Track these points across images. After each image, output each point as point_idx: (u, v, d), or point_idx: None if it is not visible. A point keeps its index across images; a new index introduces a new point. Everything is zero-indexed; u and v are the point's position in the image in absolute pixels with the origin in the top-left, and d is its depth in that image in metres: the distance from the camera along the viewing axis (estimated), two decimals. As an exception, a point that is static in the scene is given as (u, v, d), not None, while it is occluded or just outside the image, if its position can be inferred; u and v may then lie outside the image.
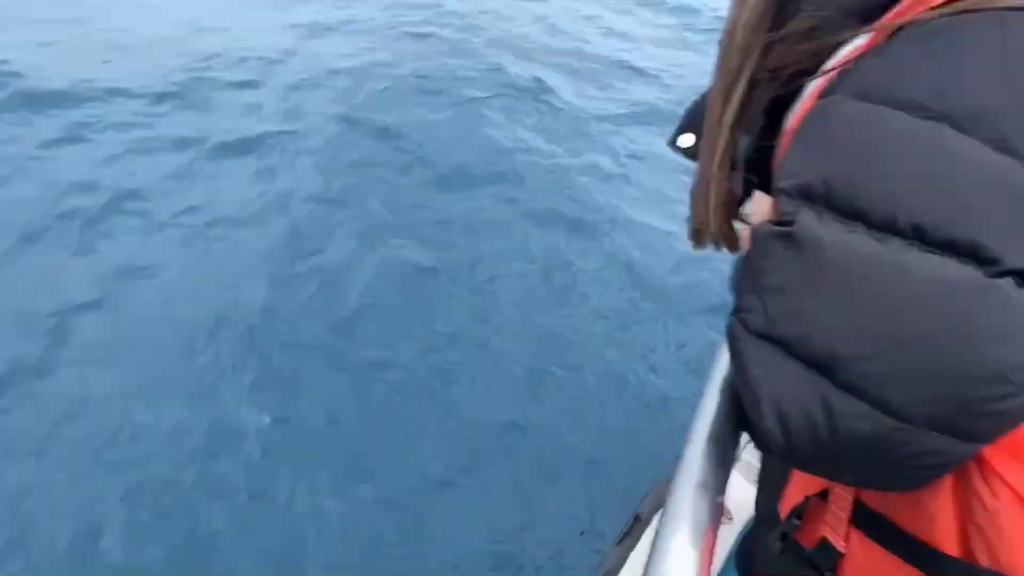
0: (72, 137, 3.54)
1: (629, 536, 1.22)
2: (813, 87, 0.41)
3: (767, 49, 0.43)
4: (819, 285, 0.33)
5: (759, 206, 0.53)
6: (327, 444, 2.06)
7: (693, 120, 0.55)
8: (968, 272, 0.29)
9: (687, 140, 0.57)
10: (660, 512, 0.40)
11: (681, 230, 0.76)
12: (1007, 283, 0.29)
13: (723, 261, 0.55)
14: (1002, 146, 0.30)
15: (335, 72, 4.51)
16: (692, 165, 0.54)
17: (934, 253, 0.30)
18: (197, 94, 4.12)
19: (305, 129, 3.80)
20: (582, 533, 1.80)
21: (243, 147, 3.64)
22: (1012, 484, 0.35)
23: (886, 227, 0.31)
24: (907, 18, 0.35)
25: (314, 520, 1.83)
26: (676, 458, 0.43)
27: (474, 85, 4.36)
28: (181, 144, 3.59)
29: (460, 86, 4.33)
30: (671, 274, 2.80)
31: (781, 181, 0.36)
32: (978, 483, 0.36)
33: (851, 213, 0.32)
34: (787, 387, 0.34)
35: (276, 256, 2.84)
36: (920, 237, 0.30)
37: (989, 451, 0.34)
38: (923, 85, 0.33)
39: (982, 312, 0.29)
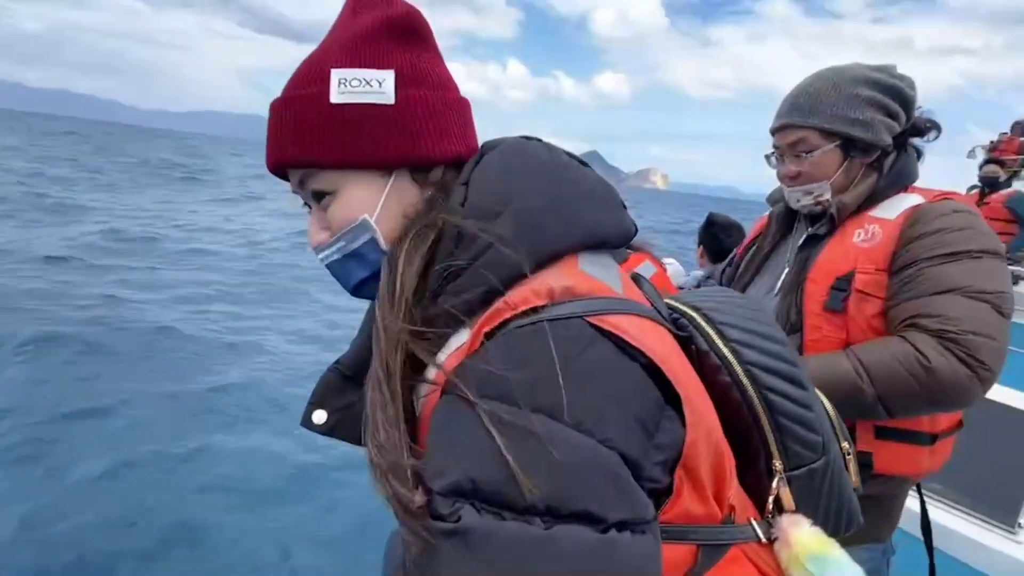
0: None
1: None
2: (433, 374, 0.47)
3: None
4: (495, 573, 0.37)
5: None
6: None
7: (325, 396, 0.58)
8: (587, 533, 0.38)
9: (320, 417, 0.58)
10: None
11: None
12: (612, 534, 0.38)
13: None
14: (581, 428, 0.40)
15: None
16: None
17: (566, 523, 0.38)
18: None
19: None
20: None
21: None
22: None
23: (528, 511, 0.38)
24: (496, 323, 0.45)
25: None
26: None
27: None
28: None
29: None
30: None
31: (431, 482, 0.40)
32: None
33: (498, 503, 0.38)
34: None
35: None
36: (553, 514, 0.38)
37: None
38: (518, 384, 0.41)
39: (604, 563, 0.38)
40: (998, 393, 3.84)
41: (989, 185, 5.22)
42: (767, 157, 1.23)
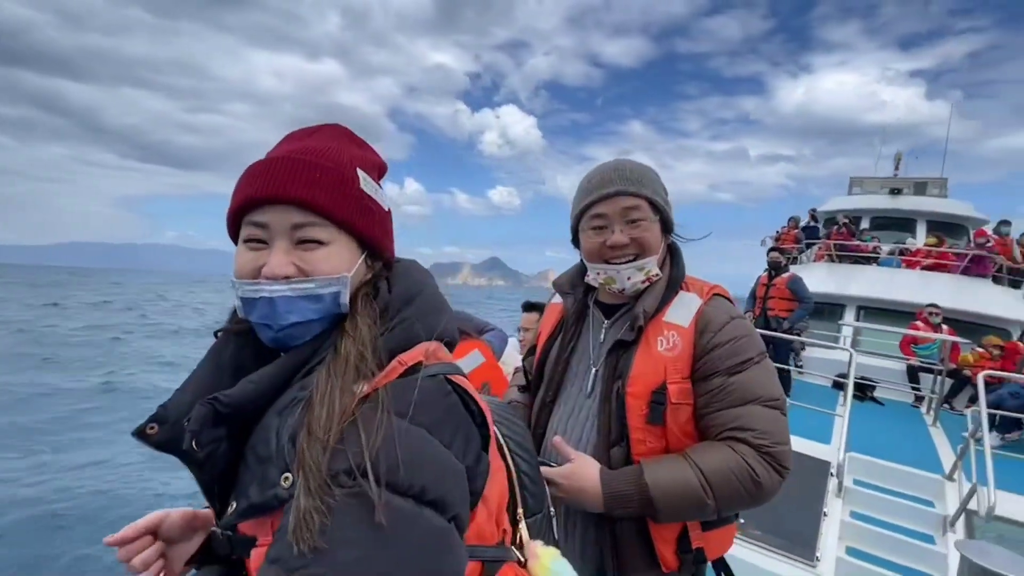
0: None
1: None
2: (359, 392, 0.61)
3: None
4: (383, 533, 0.50)
5: None
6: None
7: (202, 428, 0.61)
8: (439, 519, 0.54)
9: (194, 447, 0.61)
10: None
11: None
12: (451, 524, 0.55)
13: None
14: (444, 443, 0.59)
15: None
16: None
17: (428, 507, 0.54)
18: None
19: None
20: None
21: None
22: None
23: (406, 493, 0.53)
24: (395, 373, 0.62)
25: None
26: None
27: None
28: None
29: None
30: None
31: (343, 463, 0.53)
32: None
33: (386, 483, 0.52)
34: None
35: None
36: (420, 498, 0.53)
37: None
38: (412, 404, 0.58)
39: (446, 543, 0.54)
40: (792, 443, 4.64)
41: (774, 268, 6.47)
42: (599, 228, 1.17)
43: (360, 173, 0.69)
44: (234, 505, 0.61)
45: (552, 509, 0.92)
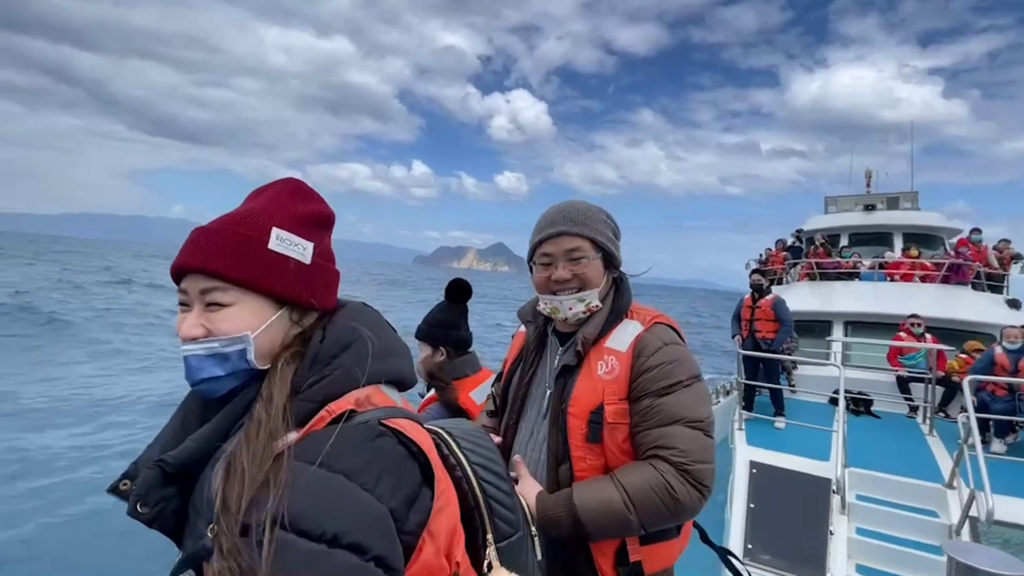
0: None
1: None
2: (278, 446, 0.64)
3: None
4: (288, 572, 0.53)
5: None
6: None
7: (149, 491, 0.65)
8: (354, 559, 0.56)
9: (144, 510, 0.65)
10: None
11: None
12: (371, 564, 0.57)
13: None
14: (365, 488, 0.61)
15: None
16: None
17: (345, 551, 0.56)
18: None
19: None
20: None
21: None
22: None
23: (319, 539, 0.55)
24: (323, 422, 0.66)
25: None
26: None
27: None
28: None
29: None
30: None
31: (257, 516, 0.56)
32: None
33: (299, 531, 0.55)
34: None
35: None
36: (335, 543, 0.56)
37: None
38: (328, 455, 0.61)
39: None
40: (782, 460, 4.66)
41: (756, 291, 6.62)
42: (544, 263, 1.29)
43: (275, 232, 0.72)
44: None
45: (534, 529, 0.94)
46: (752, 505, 4.31)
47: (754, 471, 4.55)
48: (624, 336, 1.25)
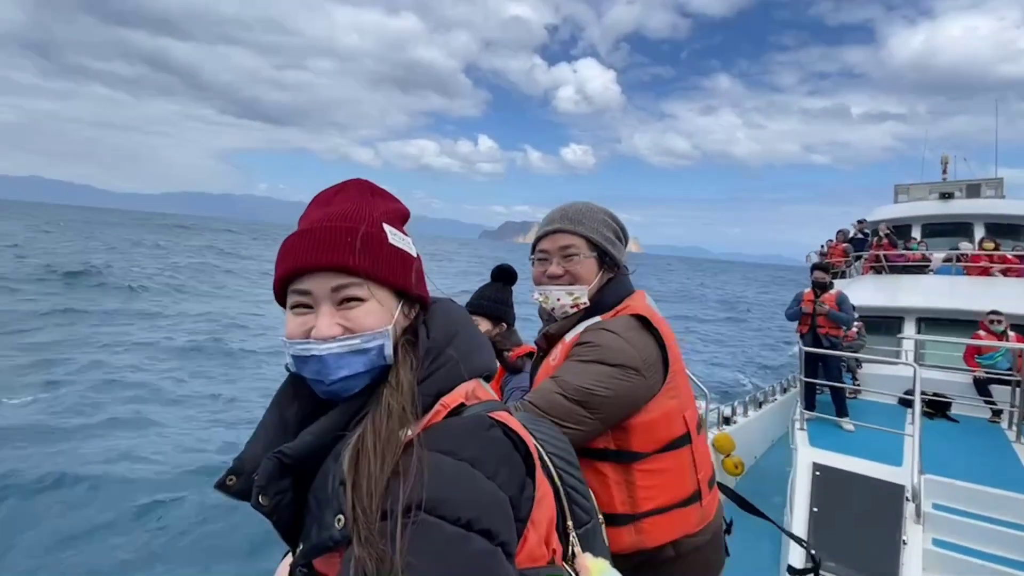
0: None
1: None
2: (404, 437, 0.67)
3: None
4: (435, 554, 0.55)
5: None
6: None
7: (269, 482, 0.66)
8: (486, 543, 0.58)
9: (264, 500, 0.66)
10: None
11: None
12: (499, 550, 0.59)
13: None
14: (488, 475, 0.63)
15: None
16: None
17: (479, 536, 0.58)
18: None
19: None
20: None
21: None
22: None
23: (456, 523, 0.57)
24: (440, 415, 0.70)
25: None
26: None
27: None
28: None
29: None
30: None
31: (398, 500, 0.58)
32: None
33: (438, 515, 0.57)
34: None
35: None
36: (469, 527, 0.58)
37: None
38: (453, 444, 0.64)
39: (496, 563, 0.58)
40: (849, 463, 4.39)
41: (820, 288, 6.26)
42: (541, 259, 1.39)
43: (387, 228, 0.74)
44: (301, 546, 0.67)
45: (600, 516, 0.96)
46: (815, 509, 4.09)
47: (817, 473, 4.31)
48: (579, 329, 1.34)
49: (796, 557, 3.85)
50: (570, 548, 0.80)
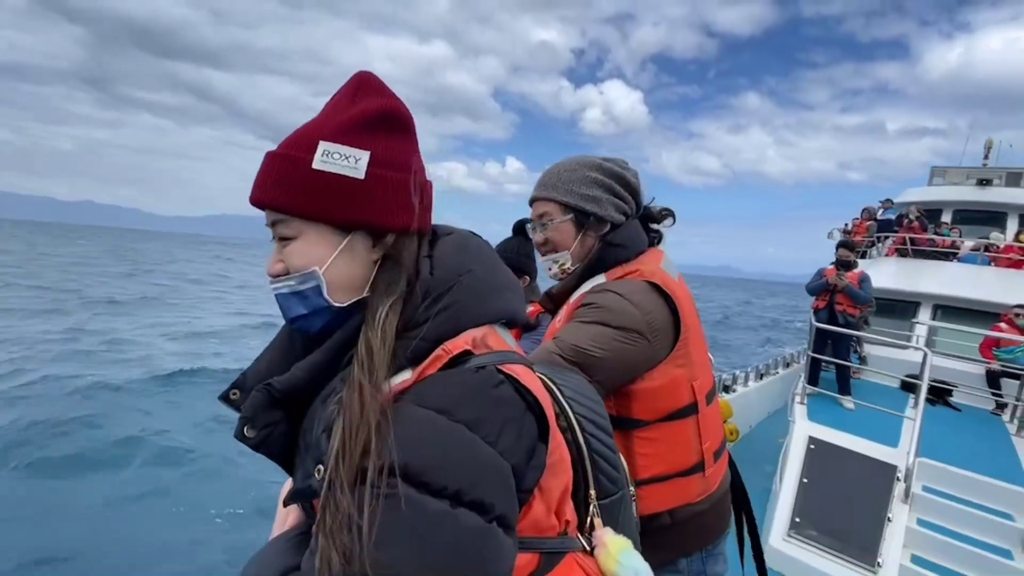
0: None
1: None
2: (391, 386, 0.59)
3: None
4: (410, 532, 0.49)
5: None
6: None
7: (256, 414, 0.63)
8: (477, 519, 0.51)
9: (250, 432, 0.63)
10: None
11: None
12: (493, 525, 0.52)
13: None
14: (488, 440, 0.55)
15: None
16: None
17: (467, 510, 0.51)
18: None
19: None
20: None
21: None
22: None
23: (440, 494, 0.50)
24: (440, 362, 0.60)
25: None
26: None
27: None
28: None
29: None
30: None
31: (376, 462, 0.51)
32: None
33: (420, 484, 0.50)
34: None
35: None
36: (457, 499, 0.51)
37: None
38: (450, 401, 0.56)
39: (485, 544, 0.52)
40: (845, 440, 4.42)
41: (844, 266, 6.12)
42: (531, 228, 1.39)
43: (321, 147, 0.62)
44: (290, 485, 0.65)
45: (632, 489, 0.87)
46: (805, 480, 4.15)
47: (812, 447, 4.35)
48: (583, 290, 1.29)
49: (781, 521, 3.94)
50: (588, 519, 0.73)
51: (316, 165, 0.61)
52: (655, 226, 1.41)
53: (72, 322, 16.00)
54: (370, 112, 0.64)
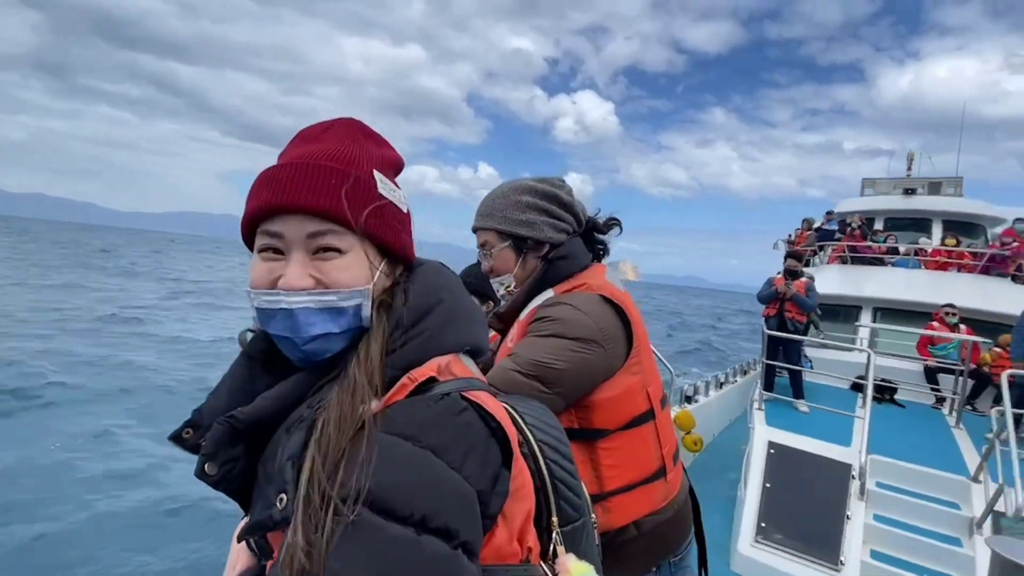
0: None
1: None
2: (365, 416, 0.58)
3: None
4: (374, 558, 0.47)
5: None
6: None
7: (217, 449, 0.60)
8: (443, 546, 0.50)
9: (211, 469, 0.60)
10: None
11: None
12: (459, 551, 0.51)
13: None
14: (452, 466, 0.54)
15: None
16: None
17: (433, 537, 0.50)
18: None
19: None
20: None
21: None
22: None
23: (406, 520, 0.49)
24: (405, 391, 0.60)
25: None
26: None
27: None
28: None
29: None
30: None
31: (340, 489, 0.50)
32: None
33: (384, 510, 0.49)
34: None
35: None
36: (423, 526, 0.50)
37: None
38: (415, 427, 0.55)
39: (451, 571, 0.50)
40: (802, 442, 4.60)
41: (792, 275, 6.43)
42: (479, 255, 1.41)
43: (377, 176, 0.66)
44: (247, 519, 0.61)
45: (593, 516, 0.86)
46: (768, 485, 4.27)
47: (772, 451, 4.49)
48: (534, 305, 1.31)
49: (748, 528, 4.03)
50: (551, 546, 0.71)
51: (380, 190, 0.66)
52: (602, 236, 1.44)
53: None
54: (395, 158, 0.73)
